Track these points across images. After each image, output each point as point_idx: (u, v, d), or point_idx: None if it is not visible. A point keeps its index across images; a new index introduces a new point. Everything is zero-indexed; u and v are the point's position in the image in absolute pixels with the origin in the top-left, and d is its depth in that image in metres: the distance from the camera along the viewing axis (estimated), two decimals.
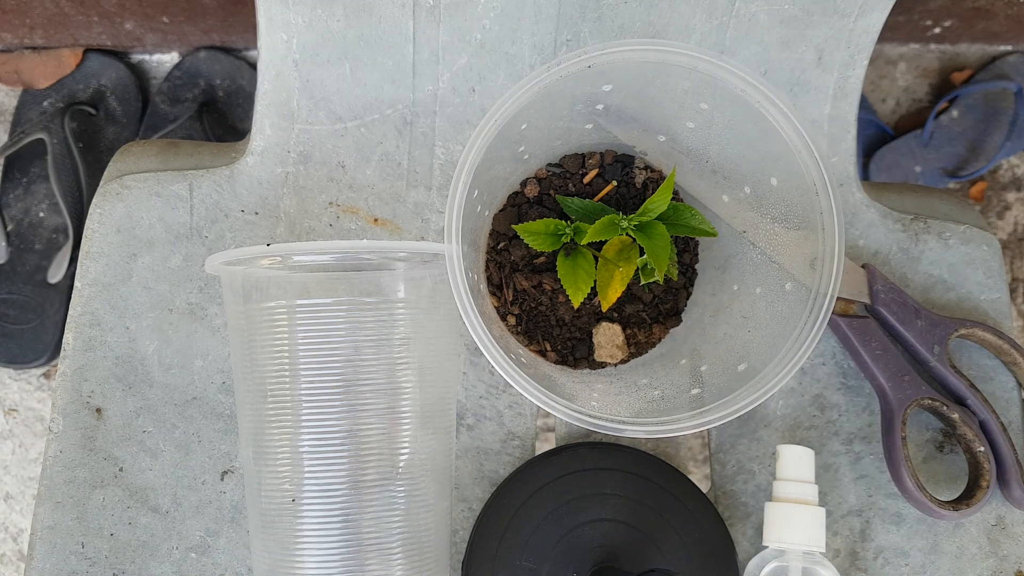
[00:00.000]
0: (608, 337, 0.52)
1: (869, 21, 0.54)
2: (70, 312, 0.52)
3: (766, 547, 0.48)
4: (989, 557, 0.52)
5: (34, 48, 0.97)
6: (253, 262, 0.43)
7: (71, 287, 0.88)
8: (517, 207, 0.53)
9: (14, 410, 0.98)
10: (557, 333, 0.52)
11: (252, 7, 0.54)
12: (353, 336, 0.42)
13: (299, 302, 0.42)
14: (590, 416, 0.42)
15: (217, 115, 0.96)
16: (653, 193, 0.51)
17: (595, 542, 0.49)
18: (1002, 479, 0.51)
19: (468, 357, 0.53)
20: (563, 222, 0.49)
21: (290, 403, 0.42)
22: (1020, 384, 0.54)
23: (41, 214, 0.94)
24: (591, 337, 0.52)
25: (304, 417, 0.42)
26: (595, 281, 0.48)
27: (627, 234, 0.47)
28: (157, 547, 0.50)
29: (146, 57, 1.01)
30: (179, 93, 0.96)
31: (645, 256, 0.48)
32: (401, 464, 0.43)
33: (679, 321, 0.53)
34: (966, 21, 0.96)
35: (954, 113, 0.99)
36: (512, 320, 0.52)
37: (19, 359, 0.93)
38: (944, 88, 1.04)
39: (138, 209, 0.53)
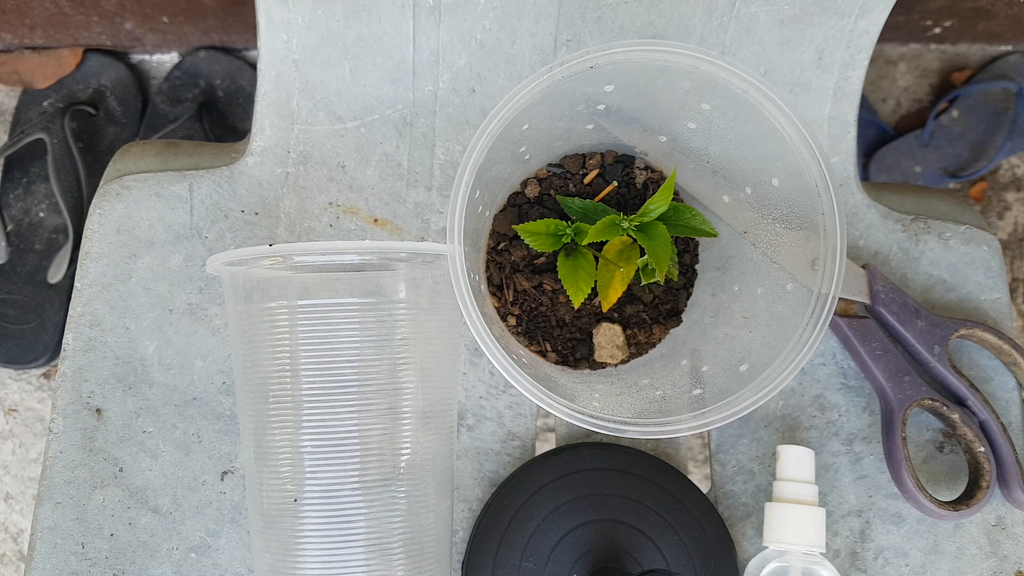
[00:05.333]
0: (608, 338, 0.52)
1: (869, 21, 0.54)
2: (70, 312, 0.52)
3: (766, 547, 0.48)
4: (989, 557, 0.52)
5: (34, 48, 0.97)
6: (254, 262, 0.43)
7: (71, 287, 0.88)
8: (518, 207, 0.53)
9: (14, 410, 0.98)
10: (557, 334, 0.52)
11: (252, 7, 0.54)
12: (354, 336, 0.42)
13: (300, 302, 0.42)
14: (591, 416, 0.42)
15: (217, 115, 0.96)
16: (654, 193, 0.51)
17: (595, 542, 0.49)
18: (1002, 479, 0.51)
19: (468, 357, 0.53)
20: (563, 222, 0.49)
21: (291, 403, 0.42)
22: (1020, 384, 0.54)
23: (41, 214, 0.94)
24: (591, 337, 0.52)
25: (305, 417, 0.42)
26: (595, 282, 0.48)
27: (628, 234, 0.47)
28: (157, 547, 0.50)
29: (146, 57, 1.01)
30: (179, 93, 0.96)
31: (645, 257, 0.48)
32: (402, 464, 0.43)
33: (679, 322, 0.53)
34: (966, 21, 0.96)
35: (954, 113, 0.99)
36: (512, 321, 0.52)
37: (19, 359, 0.93)
38: (944, 88, 1.04)
39: (138, 209, 0.53)
